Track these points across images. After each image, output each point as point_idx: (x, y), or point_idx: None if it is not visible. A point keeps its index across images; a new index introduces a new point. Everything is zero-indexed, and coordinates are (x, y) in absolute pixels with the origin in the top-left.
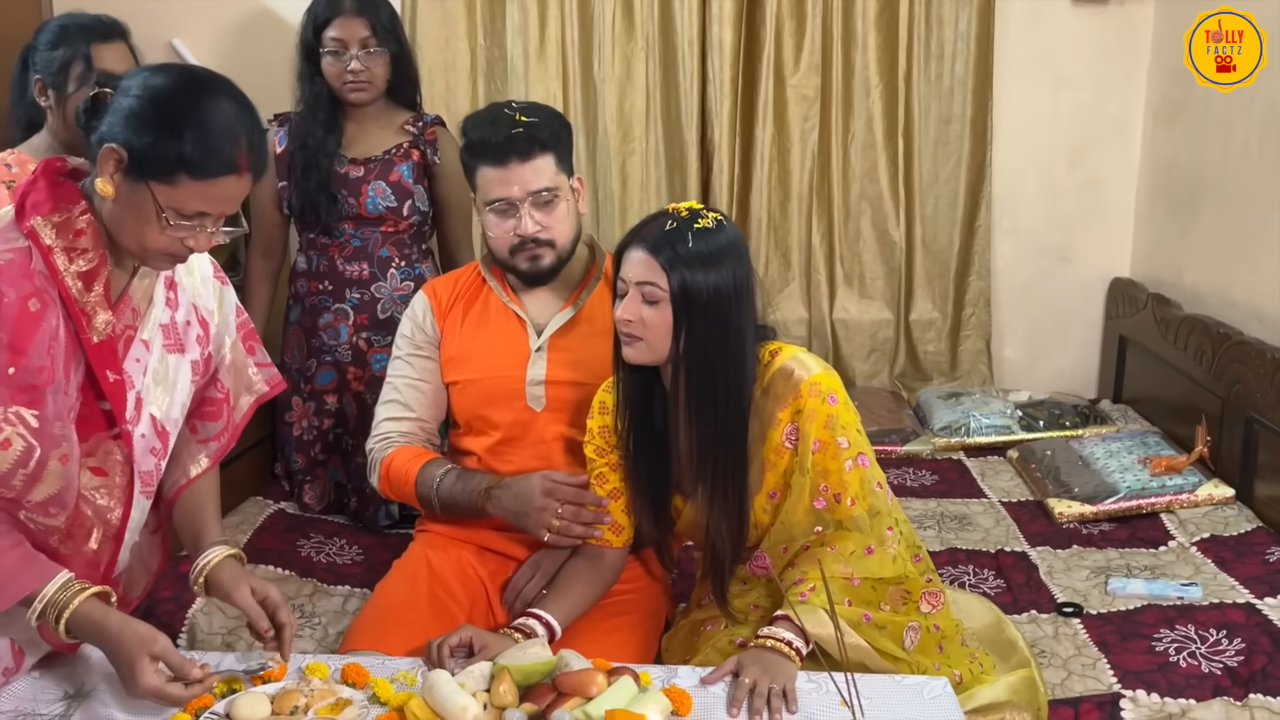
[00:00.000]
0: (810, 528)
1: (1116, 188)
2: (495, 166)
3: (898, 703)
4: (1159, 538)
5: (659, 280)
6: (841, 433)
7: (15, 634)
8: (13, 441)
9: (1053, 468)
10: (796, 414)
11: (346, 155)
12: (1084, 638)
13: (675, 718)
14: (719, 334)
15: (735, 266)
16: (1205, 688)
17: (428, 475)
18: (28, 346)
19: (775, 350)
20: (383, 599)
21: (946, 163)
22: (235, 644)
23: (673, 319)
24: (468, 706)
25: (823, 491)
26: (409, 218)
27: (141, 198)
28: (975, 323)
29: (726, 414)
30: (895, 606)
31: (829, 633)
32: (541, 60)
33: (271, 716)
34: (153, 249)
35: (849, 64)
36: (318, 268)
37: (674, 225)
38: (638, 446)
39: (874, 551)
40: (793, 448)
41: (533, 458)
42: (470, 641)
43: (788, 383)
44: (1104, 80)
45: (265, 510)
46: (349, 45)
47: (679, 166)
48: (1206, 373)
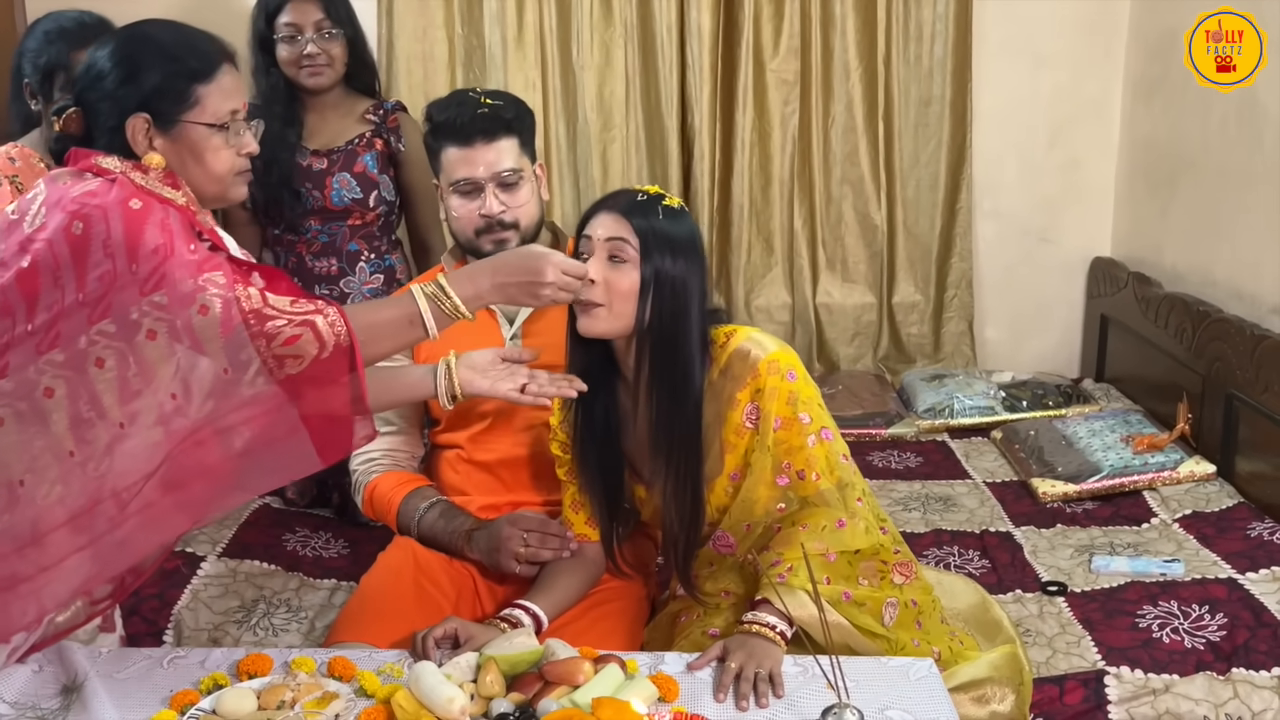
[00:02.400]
0: (773, 504)
1: (1096, 167)
2: (460, 147)
3: (883, 684)
4: (1141, 515)
5: (629, 237)
6: (803, 408)
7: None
8: (210, 306)
9: (1036, 447)
10: (756, 393)
11: (309, 147)
12: (1068, 616)
13: (662, 704)
14: (683, 310)
15: (699, 256)
16: (1188, 663)
17: (409, 508)
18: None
19: (730, 332)
20: (368, 590)
21: (927, 145)
22: (221, 639)
23: (639, 285)
24: (454, 697)
25: (785, 469)
26: (376, 208)
27: (187, 134)
28: (957, 305)
29: (684, 395)
30: (872, 581)
31: (811, 614)
32: (520, 48)
33: (258, 711)
34: (224, 174)
35: (828, 47)
36: (285, 264)
37: (644, 198)
38: (587, 432)
39: (845, 524)
40: (753, 427)
41: (514, 445)
42: (455, 633)
43: (745, 362)
44: (1083, 59)
45: (250, 505)
46: (303, 29)
47: (660, 153)
48: (1187, 350)
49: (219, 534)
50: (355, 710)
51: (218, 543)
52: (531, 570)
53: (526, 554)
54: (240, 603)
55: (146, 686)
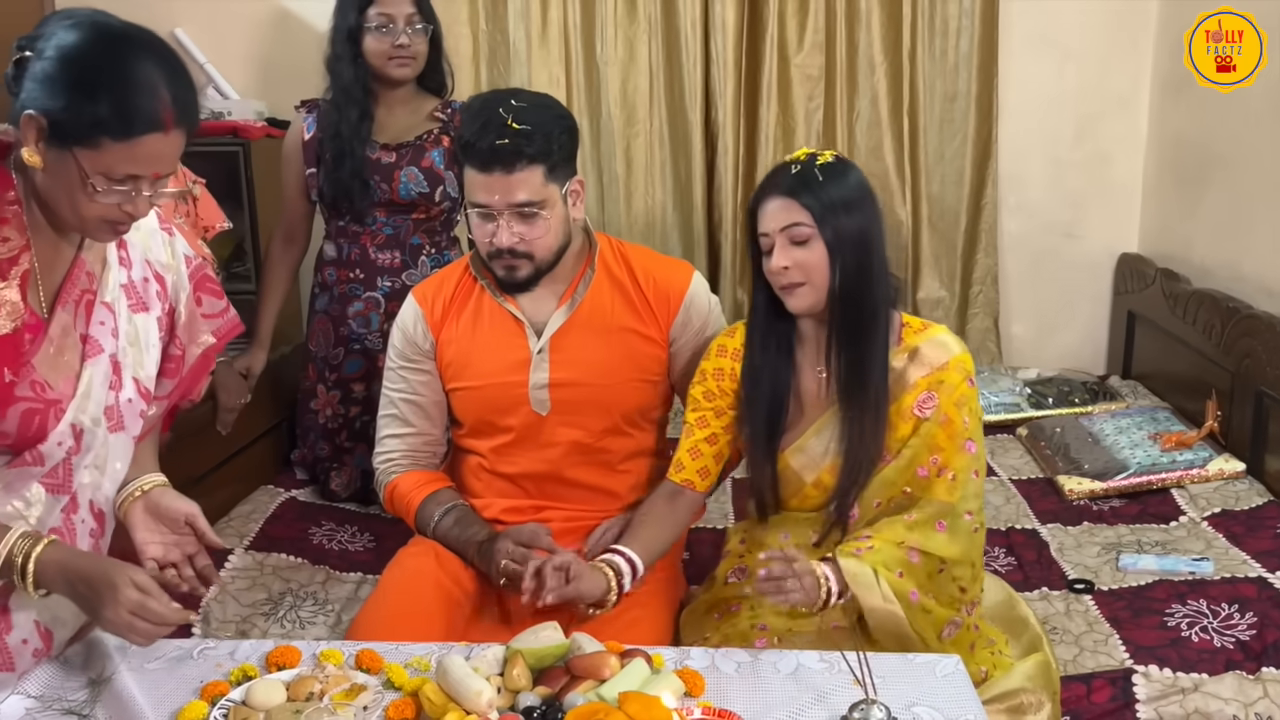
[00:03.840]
0: (902, 486)
1: (1124, 162)
2: (479, 172)
3: (910, 681)
4: (1170, 513)
5: (802, 219)
6: (968, 414)
7: (39, 613)
8: None
9: (1062, 445)
10: (937, 384)
11: (378, 141)
12: (1095, 614)
13: (688, 699)
14: (867, 267)
15: (871, 203)
16: (1217, 662)
17: (425, 514)
18: None
19: (926, 324)
20: (389, 590)
21: (952, 140)
22: (249, 631)
23: (828, 254)
24: (482, 690)
25: (931, 463)
26: (440, 203)
27: (67, 165)
28: (983, 301)
29: (871, 346)
30: (940, 601)
31: (870, 587)
32: (544, 44)
33: (287, 702)
34: (88, 218)
35: (853, 42)
36: (348, 256)
37: (799, 168)
38: (758, 396)
39: (945, 528)
40: (921, 415)
41: (538, 461)
42: (569, 566)
43: (936, 354)
44: (1110, 53)
45: (276, 498)
46: (396, 20)
47: (683, 148)
48: (1216, 347)
49: (246, 527)
50: (383, 702)
51: (245, 536)
52: (511, 589)
53: (509, 570)
54: (267, 595)
55: (176, 677)
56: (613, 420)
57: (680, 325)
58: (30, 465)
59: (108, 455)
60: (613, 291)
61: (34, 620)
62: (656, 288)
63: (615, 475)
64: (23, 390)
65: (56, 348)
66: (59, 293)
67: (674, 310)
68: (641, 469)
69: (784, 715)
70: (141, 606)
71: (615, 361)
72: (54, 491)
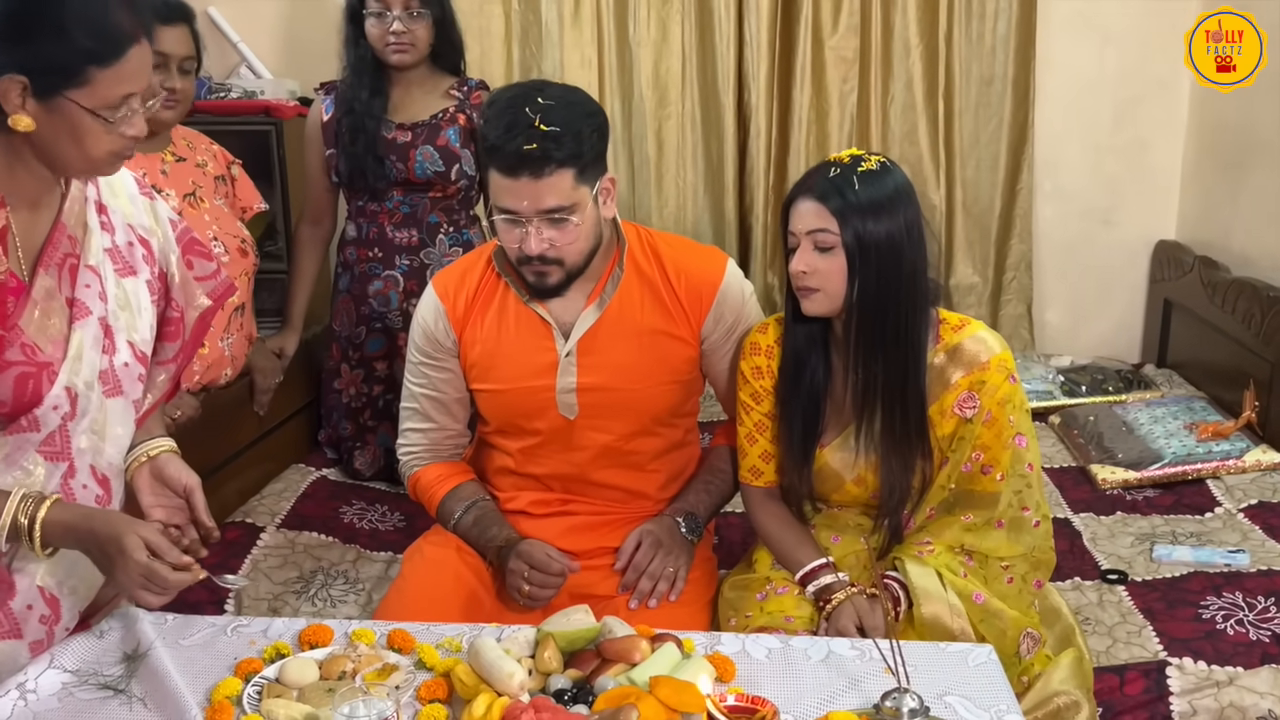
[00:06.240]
0: (949, 486)
1: (1163, 148)
2: (505, 176)
3: (942, 670)
4: (1205, 504)
5: (829, 226)
6: (1013, 411)
7: (41, 578)
8: None
9: (1096, 433)
10: (979, 384)
11: (393, 120)
12: (1129, 605)
13: (719, 684)
14: (893, 278)
15: (905, 208)
16: (1253, 655)
17: (446, 511)
18: None
19: (964, 321)
20: (410, 580)
21: (988, 124)
22: (281, 609)
23: (846, 265)
24: (514, 672)
25: (975, 459)
26: (457, 182)
27: (66, 112)
28: (1017, 287)
29: (900, 351)
30: (1013, 603)
31: (936, 590)
32: (576, 24)
33: (320, 681)
34: (100, 156)
35: (888, 24)
36: (367, 235)
37: (838, 171)
38: (793, 396)
39: (1002, 526)
40: (962, 415)
41: (565, 463)
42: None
43: (976, 353)
44: (1150, 37)
45: (308, 477)
46: (391, 6)
47: (715, 130)
48: (1255, 336)
49: (278, 505)
50: (415, 683)
51: (276, 514)
52: (531, 604)
53: (529, 592)
54: (299, 573)
55: (211, 654)
56: (642, 423)
57: (713, 322)
58: (27, 431)
59: (106, 420)
60: (642, 290)
61: (37, 586)
62: (688, 283)
63: (644, 475)
64: (13, 354)
65: (42, 310)
66: (40, 256)
67: (706, 307)
68: (672, 464)
69: (815, 702)
70: (149, 571)
71: (645, 364)
72: (52, 459)
